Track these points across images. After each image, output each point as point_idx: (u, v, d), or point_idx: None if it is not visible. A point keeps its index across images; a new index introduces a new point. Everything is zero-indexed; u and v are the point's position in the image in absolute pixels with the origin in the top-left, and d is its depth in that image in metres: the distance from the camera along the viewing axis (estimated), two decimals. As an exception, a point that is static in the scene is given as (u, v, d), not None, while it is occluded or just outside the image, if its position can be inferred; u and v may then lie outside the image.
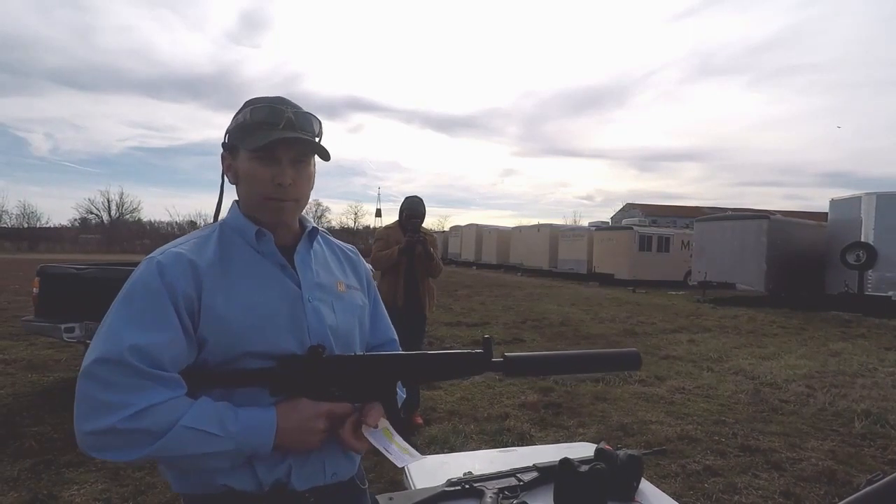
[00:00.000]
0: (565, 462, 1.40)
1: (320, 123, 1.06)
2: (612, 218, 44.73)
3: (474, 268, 27.67)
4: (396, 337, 1.27)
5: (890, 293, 11.46)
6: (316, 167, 1.08)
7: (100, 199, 52.89)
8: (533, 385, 5.16)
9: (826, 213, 13.86)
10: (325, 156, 1.03)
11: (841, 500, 0.92)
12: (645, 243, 19.75)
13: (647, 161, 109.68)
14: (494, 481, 1.46)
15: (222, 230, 1.02)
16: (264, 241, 1.01)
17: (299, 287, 1.01)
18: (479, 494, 1.42)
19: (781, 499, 2.98)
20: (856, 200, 12.46)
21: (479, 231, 29.89)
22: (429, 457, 1.73)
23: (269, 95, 1.03)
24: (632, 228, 20.87)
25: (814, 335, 8.59)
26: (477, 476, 1.47)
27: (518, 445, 3.34)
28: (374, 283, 1.28)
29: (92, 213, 52.57)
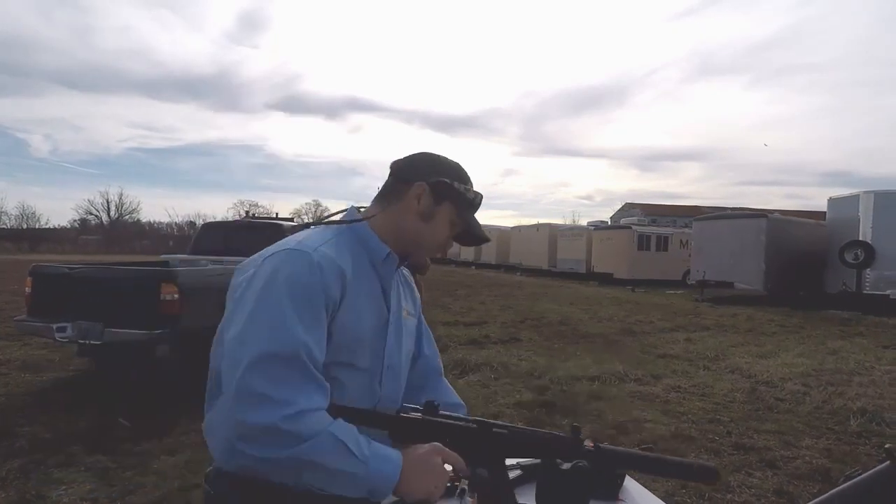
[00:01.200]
0: (548, 459, 1.39)
1: None
2: (611, 217, 44.71)
3: (473, 267, 27.67)
4: (440, 365, 1.32)
5: (888, 291, 11.45)
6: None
7: (99, 200, 52.89)
8: (528, 384, 5.15)
9: (825, 213, 13.85)
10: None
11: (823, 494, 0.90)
12: (643, 242, 19.74)
13: (648, 161, 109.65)
14: (476, 479, 1.44)
15: (350, 238, 1.03)
16: (388, 264, 1.06)
17: (388, 311, 1.07)
18: (460, 493, 1.41)
19: (774, 497, 2.96)
20: (854, 199, 12.45)
21: (478, 231, 29.85)
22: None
23: (468, 175, 1.11)
24: (630, 228, 20.86)
25: (812, 334, 8.57)
26: (457, 475, 1.45)
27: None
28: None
29: (91, 213, 52.60)
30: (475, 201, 1.11)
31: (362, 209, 1.11)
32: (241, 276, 0.94)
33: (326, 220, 1.08)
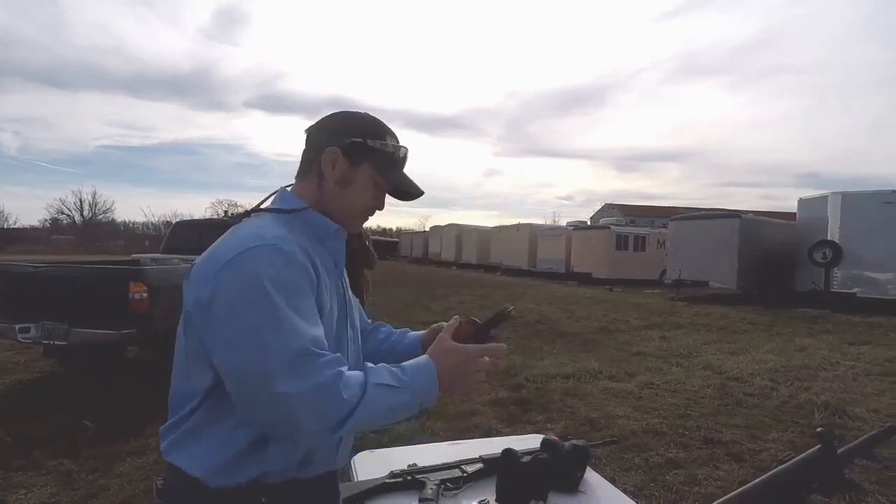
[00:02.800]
0: (507, 452, 1.39)
1: None
2: (591, 218, 45.20)
3: (454, 268, 27.68)
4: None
5: (855, 290, 11.79)
6: None
7: (72, 199, 51.58)
8: (504, 382, 5.17)
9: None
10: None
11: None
12: (621, 243, 20.00)
13: (629, 161, 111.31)
14: (438, 473, 1.44)
15: (296, 220, 0.98)
16: (336, 238, 1.03)
17: (344, 289, 1.06)
18: (420, 486, 1.41)
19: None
20: (822, 200, 12.79)
21: (459, 231, 29.93)
22: (376, 450, 1.71)
23: (387, 125, 1.05)
24: (609, 228, 21.11)
25: (781, 331, 8.78)
26: (420, 468, 1.45)
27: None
28: None
29: (63, 213, 51.24)
30: (396, 155, 1.04)
31: (289, 188, 1.05)
32: (206, 290, 0.84)
33: (265, 209, 1.01)
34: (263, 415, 0.81)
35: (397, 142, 1.05)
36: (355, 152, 0.99)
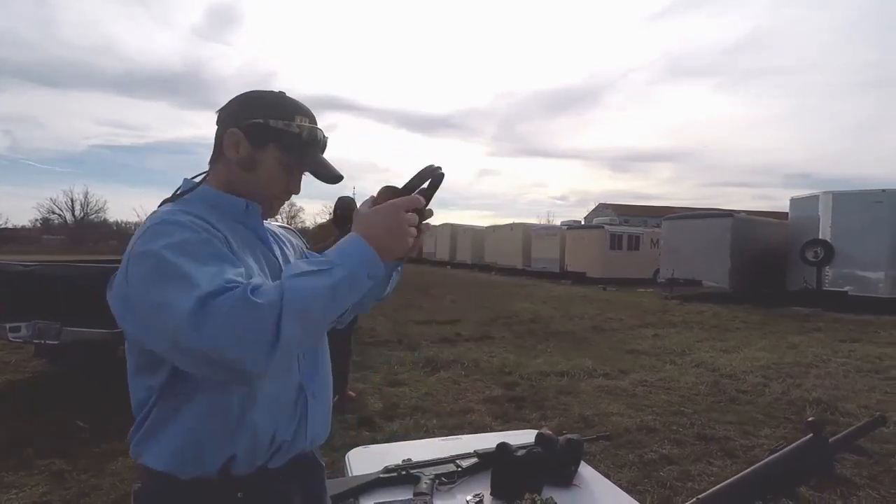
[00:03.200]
0: (502, 447, 1.40)
1: None
2: (585, 217, 45.32)
3: (449, 267, 27.68)
4: None
5: (846, 288, 11.88)
6: None
7: (63, 199, 51.14)
8: (498, 380, 5.18)
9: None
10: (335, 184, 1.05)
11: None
12: (615, 242, 20.06)
13: (622, 161, 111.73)
14: (432, 468, 1.44)
15: (200, 205, 0.93)
16: (252, 213, 0.98)
17: (279, 261, 1.01)
18: (415, 480, 1.41)
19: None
20: (814, 199, 12.88)
21: (453, 230, 29.91)
22: (370, 446, 1.71)
23: (299, 103, 1.00)
24: (602, 227, 21.18)
25: (774, 329, 8.84)
26: (414, 463, 1.45)
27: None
28: None
29: (55, 213, 50.82)
30: (304, 135, 0.96)
31: (198, 176, 1.01)
32: (122, 289, 0.83)
33: (167, 200, 0.96)
34: (196, 368, 0.77)
35: (310, 122, 0.98)
36: (258, 133, 0.95)
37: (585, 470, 1.52)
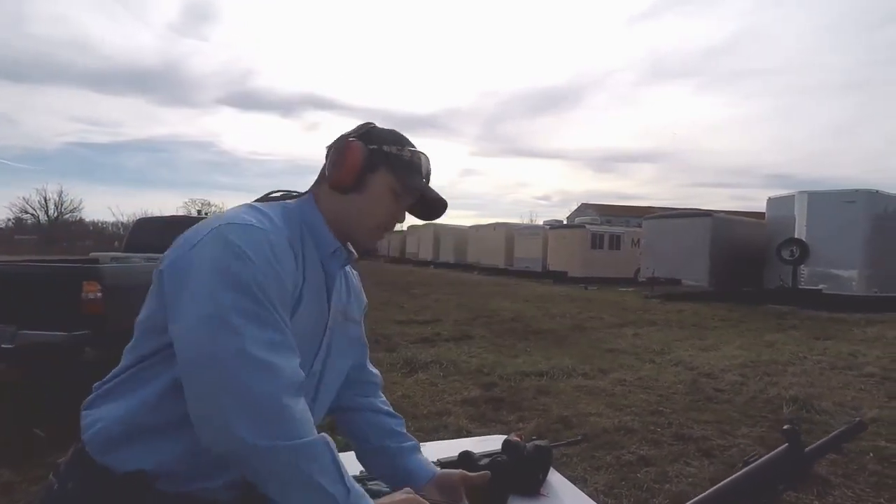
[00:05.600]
0: (464, 455, 1.32)
1: None
2: (567, 217, 45.62)
3: (432, 267, 27.60)
4: (380, 379, 1.22)
5: (820, 286, 12.09)
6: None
7: (36, 198, 49.80)
8: (476, 381, 5.11)
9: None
10: (437, 218, 1.05)
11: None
12: (597, 241, 20.20)
13: (603, 162, 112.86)
14: (391, 478, 1.35)
15: (300, 227, 0.89)
16: (336, 260, 0.94)
17: (329, 312, 0.95)
18: (373, 495, 1.32)
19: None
20: (790, 199, 13.09)
21: (436, 230, 29.85)
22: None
23: (409, 140, 0.98)
24: (584, 227, 21.32)
25: (751, 327, 8.93)
26: (372, 475, 1.36)
27: (453, 442, 3.26)
28: None
29: (27, 212, 49.44)
30: (414, 161, 0.95)
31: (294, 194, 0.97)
32: (183, 252, 0.79)
33: (268, 197, 0.94)
34: (205, 432, 0.72)
35: (416, 151, 0.97)
36: (371, 157, 0.91)
37: (554, 477, 1.44)
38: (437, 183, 1.01)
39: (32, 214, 49.54)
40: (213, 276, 0.73)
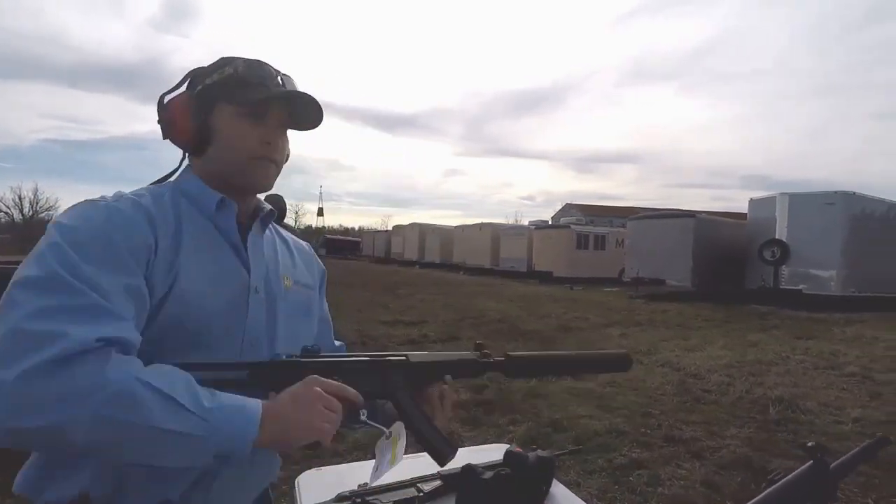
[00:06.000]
0: (467, 469, 1.28)
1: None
2: (552, 217, 45.89)
3: (417, 267, 27.54)
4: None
5: (801, 286, 12.32)
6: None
7: (10, 196, 48.53)
8: (465, 384, 5.07)
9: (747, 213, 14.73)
10: (318, 120, 0.94)
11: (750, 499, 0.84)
12: (582, 241, 20.35)
13: (586, 162, 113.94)
14: (391, 493, 1.30)
15: (174, 194, 0.85)
16: (225, 213, 0.87)
17: (248, 274, 0.87)
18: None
19: (702, 488, 3.01)
20: (771, 200, 13.31)
21: (421, 230, 29.82)
22: (324, 468, 1.56)
23: (244, 57, 0.90)
24: (569, 227, 21.46)
25: (735, 327, 9.05)
26: (371, 488, 1.31)
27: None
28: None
29: (1, 210, 48.18)
30: (241, 73, 0.85)
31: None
32: None
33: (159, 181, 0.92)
34: None
35: (250, 60, 0.89)
36: (201, 98, 0.86)
37: (557, 489, 1.41)
38: (421, 182, 0.97)
39: (6, 213, 48.33)
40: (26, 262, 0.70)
